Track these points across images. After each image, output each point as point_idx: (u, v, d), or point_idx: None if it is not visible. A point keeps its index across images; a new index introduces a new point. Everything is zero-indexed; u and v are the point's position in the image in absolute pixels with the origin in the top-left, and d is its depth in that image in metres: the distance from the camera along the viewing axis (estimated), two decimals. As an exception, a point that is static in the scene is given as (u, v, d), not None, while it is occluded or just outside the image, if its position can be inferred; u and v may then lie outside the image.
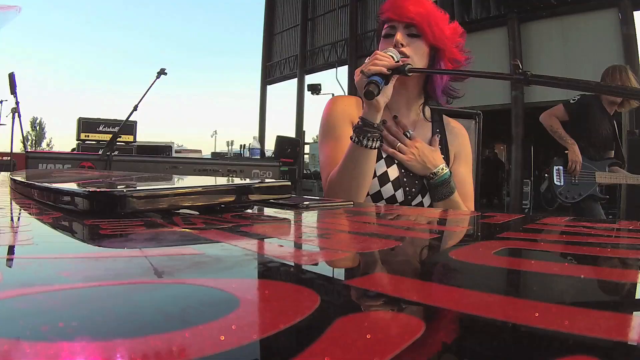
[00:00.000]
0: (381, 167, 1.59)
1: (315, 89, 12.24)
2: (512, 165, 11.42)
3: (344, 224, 0.75)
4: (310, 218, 0.80)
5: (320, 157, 1.69)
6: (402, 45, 1.53)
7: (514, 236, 0.59)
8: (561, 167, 3.76)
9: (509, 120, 10.98)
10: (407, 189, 1.59)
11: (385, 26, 1.61)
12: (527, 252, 0.50)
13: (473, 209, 1.71)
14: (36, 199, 0.92)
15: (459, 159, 1.74)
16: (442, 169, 1.59)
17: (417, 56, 1.54)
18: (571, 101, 3.74)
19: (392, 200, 1.58)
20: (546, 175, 3.87)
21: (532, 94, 10.50)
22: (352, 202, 1.09)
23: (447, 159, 1.69)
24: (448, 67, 1.61)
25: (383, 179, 1.58)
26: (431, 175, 1.58)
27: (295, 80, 18.69)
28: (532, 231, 0.65)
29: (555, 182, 3.74)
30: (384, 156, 1.60)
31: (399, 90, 1.60)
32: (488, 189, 13.32)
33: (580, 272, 0.38)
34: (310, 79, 17.61)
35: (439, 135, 1.69)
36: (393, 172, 1.59)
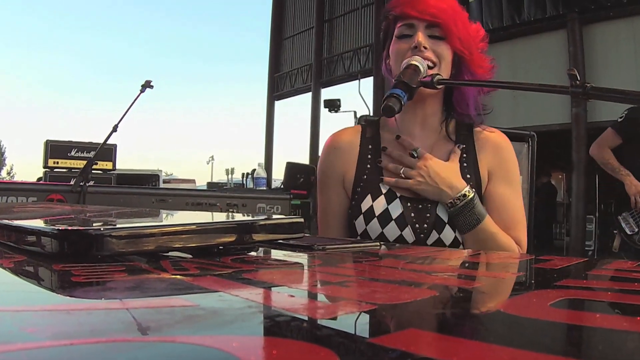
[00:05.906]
0: (381, 204, 1.54)
1: (333, 105, 12.20)
2: (572, 197, 11.26)
3: (368, 270, 0.75)
4: (327, 262, 0.80)
5: (318, 204, 1.76)
6: (426, 48, 1.49)
7: (575, 284, 0.59)
8: (625, 212, 3.75)
9: (569, 143, 10.89)
10: (417, 226, 1.51)
11: (400, 24, 1.56)
12: (590, 304, 0.50)
13: (525, 242, 1.62)
14: (-4, 239, 0.93)
15: (497, 177, 1.62)
16: (468, 191, 1.50)
17: (443, 64, 1.51)
18: (618, 120, 3.82)
19: (400, 242, 1.50)
20: (615, 232, 3.84)
21: (597, 112, 10.40)
22: (378, 244, 1.09)
23: (477, 178, 1.59)
24: (475, 77, 1.58)
25: (384, 218, 1.52)
26: (449, 203, 1.50)
27: (309, 95, 18.66)
28: (596, 278, 0.65)
29: (628, 232, 3.71)
30: (383, 191, 1.55)
31: (413, 107, 1.58)
32: (538, 225, 13.11)
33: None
34: (327, 92, 17.57)
35: (462, 146, 1.60)
36: (396, 208, 1.52)
